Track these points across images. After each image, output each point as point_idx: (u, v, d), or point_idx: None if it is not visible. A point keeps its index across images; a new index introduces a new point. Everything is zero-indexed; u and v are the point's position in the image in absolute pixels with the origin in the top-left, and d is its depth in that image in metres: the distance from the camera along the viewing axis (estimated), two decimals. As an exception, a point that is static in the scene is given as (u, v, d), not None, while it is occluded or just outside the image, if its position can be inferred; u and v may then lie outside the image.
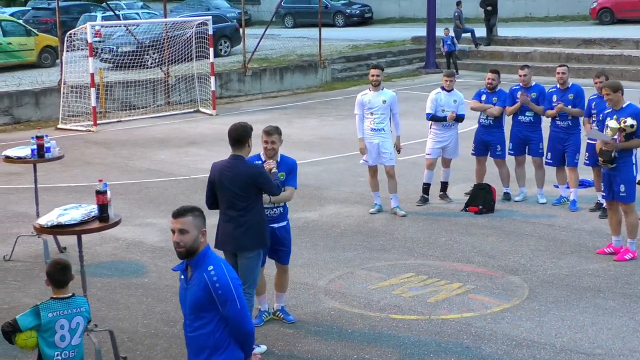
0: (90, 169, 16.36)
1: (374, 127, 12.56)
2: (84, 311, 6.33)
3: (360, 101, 12.65)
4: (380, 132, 12.55)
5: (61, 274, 6.36)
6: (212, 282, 5.25)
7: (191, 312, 5.39)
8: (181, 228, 5.31)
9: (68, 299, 6.31)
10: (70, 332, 6.23)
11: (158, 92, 24.26)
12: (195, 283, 5.32)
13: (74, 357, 6.24)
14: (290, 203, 13.31)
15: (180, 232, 5.31)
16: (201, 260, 5.34)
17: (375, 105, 12.49)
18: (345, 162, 16.43)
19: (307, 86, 27.94)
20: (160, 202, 13.74)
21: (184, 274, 5.49)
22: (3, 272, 10.53)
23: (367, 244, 11.34)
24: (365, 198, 13.61)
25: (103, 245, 11.51)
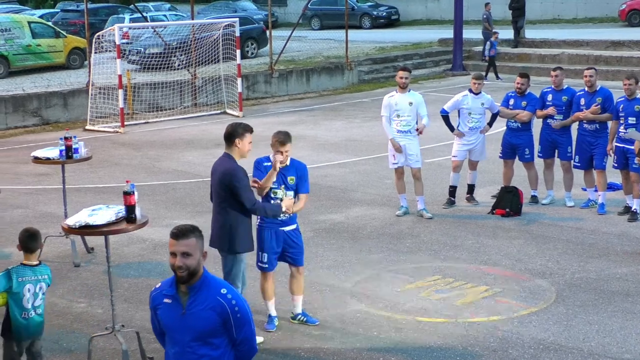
0: (117, 170, 16.45)
1: (400, 129, 12.53)
2: (46, 278, 7.17)
3: (387, 103, 12.62)
4: (407, 134, 12.53)
5: (30, 240, 7.17)
6: (232, 305, 4.84)
7: (196, 339, 4.88)
8: (185, 251, 4.82)
9: (35, 266, 7.12)
10: (34, 296, 7.05)
11: (185, 93, 24.36)
12: (203, 308, 4.85)
13: (35, 316, 7.07)
14: (316, 205, 13.42)
15: (183, 255, 4.82)
16: (207, 283, 4.90)
17: (402, 107, 12.46)
18: (371, 164, 16.41)
19: (333, 88, 27.94)
20: (187, 204, 13.79)
21: (172, 299, 4.93)
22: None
23: (393, 246, 11.31)
24: (391, 200, 13.59)
25: (130, 246, 11.57)
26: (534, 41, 31.61)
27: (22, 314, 6.99)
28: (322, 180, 15.12)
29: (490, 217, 12.63)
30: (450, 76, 29.84)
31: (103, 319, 8.89)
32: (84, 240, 11.21)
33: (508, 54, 30.69)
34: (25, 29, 28.58)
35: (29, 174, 16.17)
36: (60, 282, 10.24)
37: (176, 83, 24.10)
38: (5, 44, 27.85)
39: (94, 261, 11.04)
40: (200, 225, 9.48)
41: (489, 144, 13.52)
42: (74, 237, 10.78)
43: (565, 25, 38.31)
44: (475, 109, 13.01)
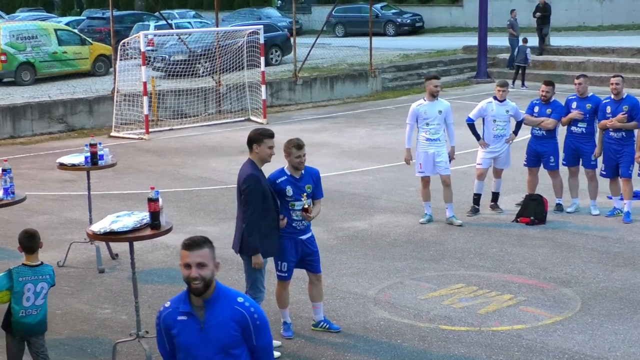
0: (142, 177, 16.53)
1: (429, 137, 12.50)
2: (48, 278, 7.40)
3: (415, 111, 12.57)
4: (435, 142, 12.51)
5: (29, 240, 7.39)
6: (251, 313, 4.76)
7: (219, 352, 4.77)
8: (200, 262, 4.74)
9: (36, 266, 7.35)
10: (35, 295, 7.28)
11: (209, 100, 24.45)
12: (223, 319, 4.75)
13: (36, 314, 7.32)
14: (339, 212, 13.42)
15: (199, 266, 4.73)
16: (223, 294, 4.81)
17: (431, 116, 12.44)
18: (395, 172, 16.39)
19: (357, 95, 27.94)
20: (211, 210, 13.83)
21: (188, 315, 4.82)
22: (56, 278, 10.60)
23: (417, 254, 11.28)
24: (415, 208, 13.56)
25: (154, 252, 11.61)
26: (559, 49, 31.47)
27: (21, 312, 7.25)
28: (345, 188, 15.11)
29: (514, 225, 12.57)
30: (474, 84, 29.76)
31: (127, 325, 8.92)
32: (109, 246, 11.26)
33: (533, 62, 30.55)
34: (51, 37, 28.82)
35: (54, 180, 16.28)
36: (84, 288, 10.29)
37: (200, 90, 24.19)
38: (31, 51, 28.08)
39: (118, 267, 11.08)
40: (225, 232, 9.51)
41: (513, 151, 13.46)
42: (98, 244, 10.83)
43: (590, 33, 38.10)
44: (500, 116, 12.96)
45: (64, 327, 9.03)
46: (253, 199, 7.79)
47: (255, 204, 7.79)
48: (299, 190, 8.20)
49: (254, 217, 7.83)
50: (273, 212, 8.01)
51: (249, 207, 7.81)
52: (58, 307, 9.62)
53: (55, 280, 7.57)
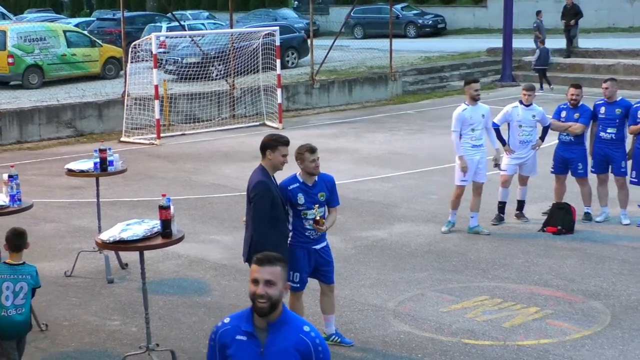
0: (153, 183, 16.57)
1: (475, 144, 12.44)
2: (29, 278, 7.53)
3: (460, 117, 12.44)
4: (480, 147, 12.49)
5: (17, 238, 7.55)
6: (315, 344, 4.59)
7: None
8: (270, 279, 4.50)
9: (17, 265, 7.51)
10: (14, 294, 7.44)
11: (223, 104, 24.50)
12: (285, 347, 4.57)
13: (14, 315, 7.47)
14: (358, 220, 13.40)
15: (267, 284, 4.50)
16: (288, 320, 4.62)
17: (476, 121, 12.39)
18: (416, 179, 16.36)
19: (376, 99, 27.94)
20: (225, 219, 13.84)
21: (248, 336, 4.61)
22: (64, 288, 10.70)
23: (438, 265, 11.25)
24: (436, 216, 13.52)
25: (165, 262, 11.63)
26: (588, 51, 31.35)
27: (2, 312, 7.41)
28: (364, 195, 15.10)
29: (541, 235, 12.52)
30: (499, 87, 29.70)
31: (137, 338, 8.93)
32: (118, 255, 11.28)
33: (560, 64, 30.46)
34: (60, 38, 28.97)
35: (62, 186, 16.34)
36: (93, 298, 10.31)
37: (214, 94, 24.25)
38: (40, 53, 28.23)
39: (128, 277, 11.10)
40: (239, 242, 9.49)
41: (540, 158, 13.40)
42: (107, 253, 10.85)
43: (620, 34, 37.96)
44: (526, 121, 12.91)
45: (71, 340, 9.05)
46: (262, 207, 7.78)
47: (264, 211, 7.78)
48: (310, 198, 8.16)
49: (263, 225, 7.82)
50: (283, 221, 7.99)
51: (258, 214, 7.80)
52: (65, 318, 9.65)
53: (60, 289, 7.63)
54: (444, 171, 16.80)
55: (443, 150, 19.13)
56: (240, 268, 10.51)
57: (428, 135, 21.39)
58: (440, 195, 14.84)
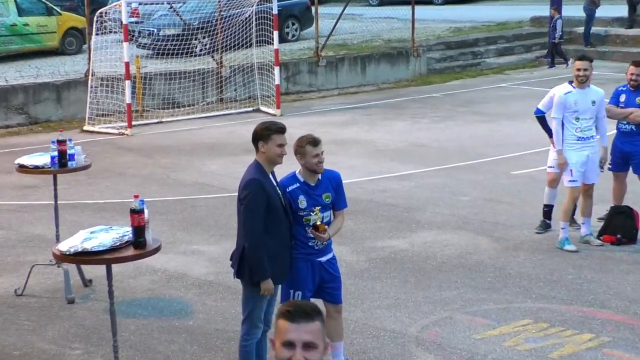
0: (123, 182, 16.59)
1: (582, 136, 12.31)
2: None
3: (563, 101, 12.30)
4: (588, 141, 12.32)
5: None
6: None
7: None
8: (310, 341, 4.11)
9: None
10: None
11: (208, 86, 24.51)
12: None
13: None
14: (373, 227, 13.41)
15: (306, 347, 4.10)
16: None
17: (583, 108, 12.25)
18: (443, 176, 16.35)
19: (395, 80, 27.94)
20: (210, 225, 13.85)
21: None
22: (14, 310, 10.71)
23: (471, 281, 11.25)
24: (468, 222, 13.51)
25: (138, 277, 11.64)
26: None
27: None
28: (380, 197, 15.10)
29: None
30: (545, 65, 29.69)
31: (103, 370, 8.94)
32: (80, 270, 11.29)
33: (620, 37, 30.46)
34: (9, 4, 28.95)
35: (12, 186, 16.35)
36: (50, 322, 10.32)
37: (197, 73, 24.26)
38: (-16, 23, 28.30)
39: (92, 297, 11.11)
40: (227, 253, 9.45)
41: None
42: (67, 266, 10.85)
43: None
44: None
45: (23, 372, 9.07)
46: (254, 210, 7.74)
47: (258, 216, 7.73)
48: (313, 201, 8.15)
49: (256, 233, 7.79)
50: (283, 227, 7.97)
51: (250, 220, 7.76)
52: (16, 346, 9.65)
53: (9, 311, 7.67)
54: (477, 167, 16.81)
55: (476, 142, 19.13)
56: (228, 285, 10.50)
57: (458, 124, 21.38)
58: (473, 197, 14.84)
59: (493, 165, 17.04)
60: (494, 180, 15.98)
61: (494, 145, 18.68)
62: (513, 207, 14.04)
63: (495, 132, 20.14)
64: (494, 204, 13.24)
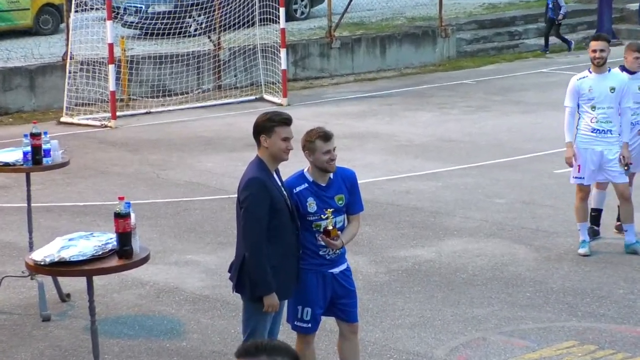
0: (106, 182, 16.61)
1: (597, 128, 12.32)
2: None
3: (576, 88, 12.28)
4: (605, 134, 12.31)
5: None
6: None
7: None
8: None
9: None
10: None
11: (204, 71, 24.53)
12: None
13: None
14: (394, 234, 13.41)
15: None
16: None
17: (600, 95, 12.23)
18: (475, 176, 16.34)
19: (420, 64, 27.92)
20: (207, 231, 13.86)
21: None
22: (-19, 328, 10.73)
23: (507, 297, 11.24)
24: (504, 228, 13.50)
25: (123, 292, 11.65)
26: None
27: None
28: (402, 199, 15.09)
29: (651, 255, 12.54)
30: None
31: (83, 398, 8.97)
32: (57, 282, 11.31)
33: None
34: (-24, -22, 29.03)
35: (-21, 186, 16.40)
36: (22, 343, 10.33)
37: (192, 56, 24.26)
38: (-53, -1, 28.36)
39: (70, 313, 11.12)
40: (224, 263, 9.45)
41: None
42: (42, 279, 10.87)
43: None
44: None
45: (-9, 400, 9.10)
46: (256, 214, 7.72)
47: (260, 221, 7.72)
48: (324, 203, 8.14)
49: (259, 241, 7.79)
50: (289, 234, 7.96)
51: (251, 226, 7.75)
52: (-17, 370, 9.69)
53: None
54: (514, 165, 16.80)
55: (514, 136, 19.12)
56: (227, 301, 10.51)
57: (493, 115, 21.37)
58: (510, 199, 14.83)
59: (533, 163, 17.02)
60: (534, 180, 15.96)
61: (534, 140, 18.65)
62: (556, 212, 14.01)
63: (536, 124, 20.12)
64: (534, 207, 13.19)
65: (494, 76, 26.24)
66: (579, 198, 12.60)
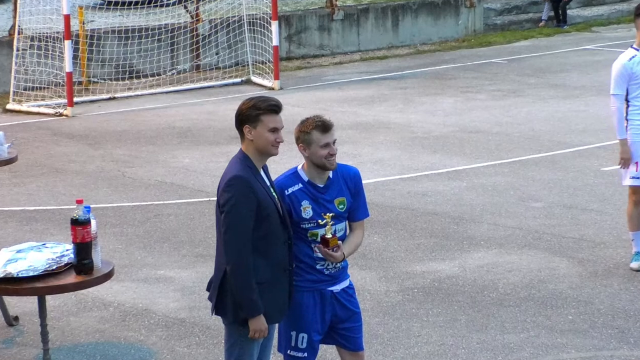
0: (61, 182, 16.61)
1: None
2: None
3: (626, 70, 12.23)
4: None
5: None
6: None
7: None
8: None
9: None
10: None
11: (180, 49, 24.54)
12: None
13: None
14: (408, 244, 13.43)
15: None
16: None
17: None
18: (507, 174, 16.34)
19: (440, 39, 27.96)
20: (183, 241, 13.86)
21: None
22: None
23: (545, 320, 11.25)
24: (541, 238, 13.50)
25: (82, 314, 11.65)
26: None
27: None
28: (418, 202, 15.09)
29: None
30: None
31: None
32: (3, 303, 11.32)
33: None
34: None
35: None
36: (-40, 376, 10.36)
37: (165, 30, 24.28)
38: None
39: (18, 340, 11.12)
40: (203, 280, 9.48)
41: None
42: (-16, 298, 10.90)
43: None
44: None
45: None
46: (239, 221, 7.68)
47: (244, 228, 7.69)
48: (322, 208, 8.13)
49: (243, 252, 7.76)
50: (280, 244, 7.95)
51: (233, 235, 7.71)
52: None
53: None
54: (554, 161, 16.80)
55: (553, 126, 19.15)
56: (207, 325, 10.52)
57: (529, 101, 21.39)
58: (548, 203, 14.83)
59: (576, 159, 17.03)
60: (577, 179, 15.96)
61: (577, 131, 18.67)
62: (604, 217, 14.01)
63: (580, 112, 20.13)
64: (578, 212, 13.16)
65: (528, 54, 26.24)
66: (633, 202, 12.58)
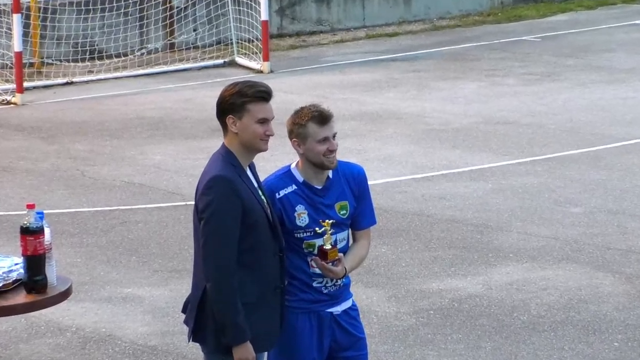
0: (9, 183, 16.63)
1: None
2: None
3: None
4: None
5: None
6: None
7: None
8: None
9: None
10: None
11: (151, 24, 24.55)
12: None
13: None
14: (424, 257, 13.44)
15: None
16: None
17: None
18: (540, 174, 16.34)
19: (460, 12, 28.02)
20: (154, 253, 13.86)
21: None
22: None
23: (586, 348, 11.25)
24: (582, 250, 13.50)
25: (34, 340, 11.65)
26: None
27: None
28: (434, 207, 15.09)
29: None
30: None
31: None
32: (-61, 327, 11.36)
33: None
34: None
35: None
36: None
37: (132, 2, 24.29)
38: None
39: (-42, 372, 11.16)
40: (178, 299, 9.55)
41: None
42: None
43: None
44: None
45: None
46: (222, 229, 7.64)
47: (227, 238, 7.65)
48: (320, 214, 8.11)
49: (225, 267, 7.72)
50: (269, 257, 7.94)
51: (215, 246, 7.67)
52: None
53: None
54: (596, 158, 16.80)
55: (595, 117, 19.18)
56: (182, 353, 10.53)
57: (565, 86, 21.41)
58: (590, 208, 14.83)
59: (623, 156, 17.04)
60: (624, 179, 15.96)
61: (624, 122, 18.68)
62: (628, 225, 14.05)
63: (627, 99, 20.15)
64: (625, 219, 13.14)
65: (566, 30, 26.28)
66: None
